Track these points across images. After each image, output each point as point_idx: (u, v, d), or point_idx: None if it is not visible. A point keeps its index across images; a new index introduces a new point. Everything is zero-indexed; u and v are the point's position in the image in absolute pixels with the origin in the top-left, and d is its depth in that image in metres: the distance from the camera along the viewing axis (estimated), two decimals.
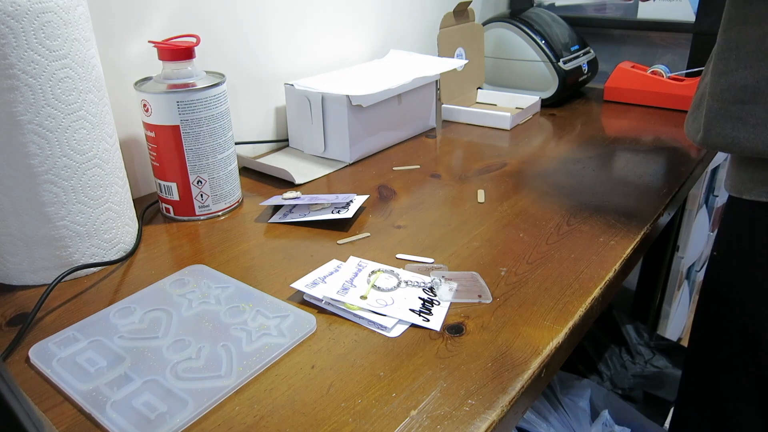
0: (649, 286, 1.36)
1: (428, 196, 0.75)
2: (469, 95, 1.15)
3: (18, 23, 0.48)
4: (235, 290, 0.54)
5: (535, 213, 0.69)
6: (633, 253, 0.61)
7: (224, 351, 0.46)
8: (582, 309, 0.51)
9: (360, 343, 0.48)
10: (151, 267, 0.60)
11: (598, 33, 1.34)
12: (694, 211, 1.37)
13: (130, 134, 0.75)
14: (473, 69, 1.14)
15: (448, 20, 1.06)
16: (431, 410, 0.40)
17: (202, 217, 0.70)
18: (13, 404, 0.21)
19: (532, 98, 1.10)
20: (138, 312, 0.51)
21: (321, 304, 0.52)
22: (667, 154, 0.87)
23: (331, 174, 0.83)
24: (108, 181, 0.58)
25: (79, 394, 0.42)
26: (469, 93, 1.15)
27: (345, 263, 0.58)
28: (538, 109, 1.11)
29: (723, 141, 0.54)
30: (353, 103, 0.82)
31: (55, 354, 0.46)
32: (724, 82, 0.54)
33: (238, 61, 0.86)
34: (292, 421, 0.40)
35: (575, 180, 0.78)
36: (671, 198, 0.72)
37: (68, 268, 0.57)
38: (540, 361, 0.45)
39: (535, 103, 1.10)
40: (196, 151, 0.67)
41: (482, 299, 0.53)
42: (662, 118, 1.04)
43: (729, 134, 0.54)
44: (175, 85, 0.65)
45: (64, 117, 0.53)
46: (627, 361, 1.25)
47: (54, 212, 0.55)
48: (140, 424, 0.39)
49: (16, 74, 0.49)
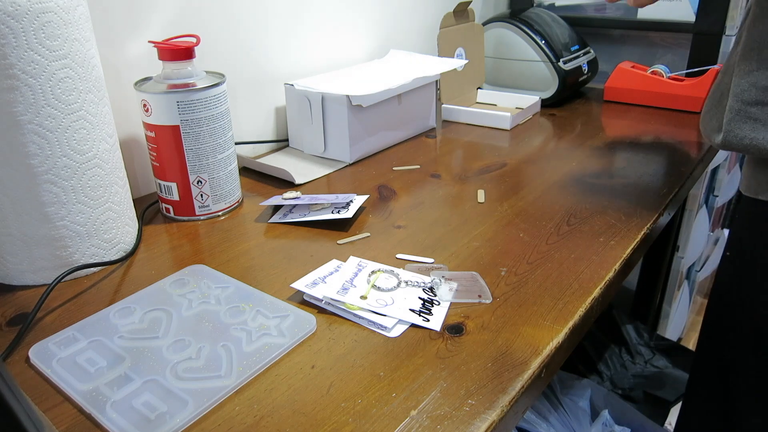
0: (649, 286, 1.36)
1: (428, 196, 0.75)
2: (469, 95, 1.15)
3: (18, 23, 0.48)
4: (235, 290, 0.54)
5: (535, 213, 0.69)
6: (633, 253, 0.61)
7: (224, 351, 0.46)
8: (582, 309, 0.51)
9: (360, 343, 0.48)
10: (151, 267, 0.60)
11: (598, 33, 1.34)
12: (694, 211, 1.37)
13: (130, 134, 0.75)
14: (473, 69, 1.14)
15: (448, 20, 1.06)
16: (431, 410, 0.40)
17: (202, 217, 0.70)
18: (13, 404, 0.21)
19: (532, 98, 1.10)
20: (138, 312, 0.51)
21: (321, 304, 0.52)
22: (667, 154, 0.87)
23: (331, 174, 0.83)
24: (108, 181, 0.58)
25: (79, 394, 0.42)
26: (469, 93, 1.15)
27: (345, 263, 0.58)
28: (538, 109, 1.11)
29: (741, 143, 0.53)
30: (353, 103, 0.82)
31: (55, 354, 0.46)
32: (745, 82, 0.53)
33: (238, 61, 0.86)
34: (292, 421, 0.40)
35: (575, 180, 0.78)
36: (671, 198, 0.72)
37: (68, 268, 0.57)
38: (540, 361, 0.45)
39: (535, 103, 1.10)
40: (196, 151, 0.67)
41: (482, 299, 0.53)
42: (662, 118, 1.04)
43: (748, 135, 0.53)
44: (175, 85, 0.65)
45: (64, 117, 0.53)
46: (627, 361, 1.25)
47: (54, 212, 0.55)
48: (140, 424, 0.39)
49: (16, 74, 0.49)
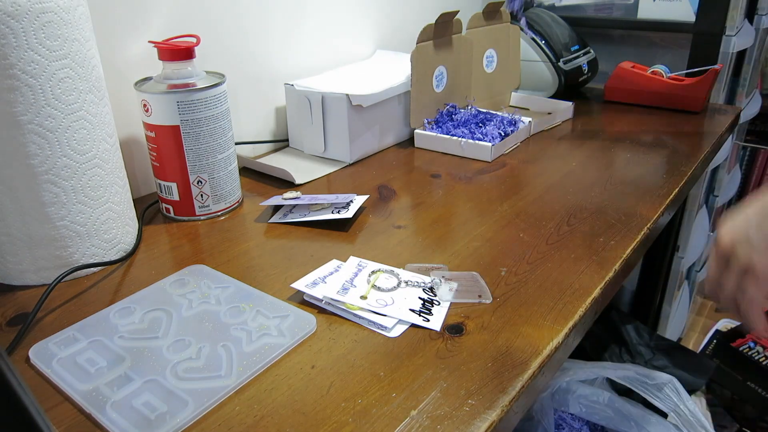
0: (649, 286, 1.36)
1: (428, 196, 0.75)
2: (501, 98, 1.10)
3: (18, 23, 0.48)
4: (235, 290, 0.54)
5: (535, 213, 0.69)
6: (633, 253, 0.61)
7: (224, 351, 0.46)
8: (582, 309, 0.51)
9: (360, 343, 0.48)
10: (151, 267, 0.60)
11: (598, 33, 1.34)
12: (694, 211, 1.37)
13: (130, 134, 0.75)
14: (507, 71, 1.08)
15: (476, 20, 0.99)
16: (431, 410, 0.40)
17: (202, 217, 0.70)
18: (26, 401, 0.21)
19: (565, 104, 1.04)
20: (138, 312, 0.51)
21: (321, 304, 0.52)
22: (667, 154, 0.87)
23: (331, 174, 0.83)
24: (108, 181, 0.58)
25: (79, 394, 0.42)
26: (501, 96, 1.09)
27: (345, 263, 0.58)
28: (569, 116, 1.05)
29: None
30: (353, 103, 0.82)
31: (55, 354, 0.46)
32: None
33: (238, 61, 0.86)
34: (292, 421, 0.40)
35: (575, 180, 0.78)
36: (671, 198, 0.72)
37: (68, 268, 0.57)
38: (540, 361, 0.45)
39: (567, 108, 1.04)
40: (196, 151, 0.67)
41: (482, 299, 0.53)
42: (662, 118, 1.04)
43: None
44: (175, 85, 0.65)
45: (64, 117, 0.53)
46: (627, 361, 1.25)
47: (54, 212, 0.55)
48: (140, 424, 0.39)
49: (16, 74, 0.49)
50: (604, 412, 0.88)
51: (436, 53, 0.92)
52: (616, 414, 0.87)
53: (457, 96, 1.00)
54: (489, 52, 1.04)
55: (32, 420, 0.21)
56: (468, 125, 0.92)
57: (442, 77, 0.95)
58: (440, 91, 0.95)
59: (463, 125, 0.92)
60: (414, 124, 0.93)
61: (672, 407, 0.88)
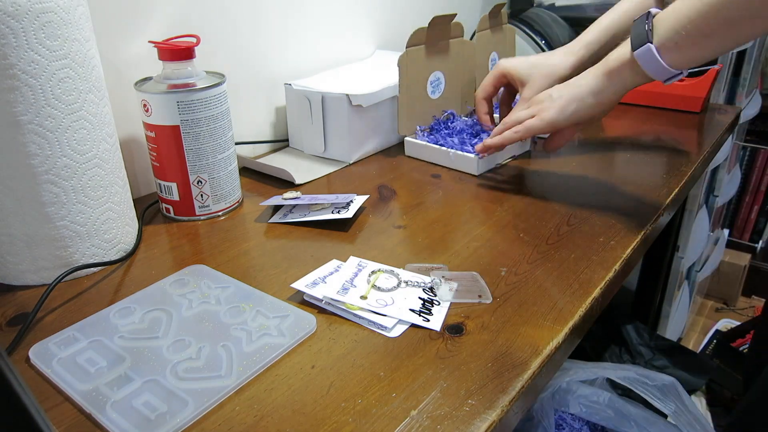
0: (649, 286, 1.36)
1: (428, 196, 0.75)
2: None
3: (18, 23, 0.48)
4: (235, 290, 0.54)
5: (535, 213, 0.69)
6: (633, 253, 0.61)
7: (224, 351, 0.46)
8: (582, 309, 0.51)
9: (360, 343, 0.48)
10: (151, 267, 0.60)
11: None
12: (694, 211, 1.37)
13: (130, 134, 0.75)
14: None
15: (483, 24, 0.97)
16: (431, 410, 0.40)
17: (202, 217, 0.70)
18: (26, 401, 0.21)
19: None
20: (138, 312, 0.51)
21: (321, 304, 0.52)
22: (667, 154, 0.87)
23: (331, 174, 0.83)
24: (108, 181, 0.58)
25: (79, 394, 0.42)
26: None
27: (345, 263, 0.58)
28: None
29: None
30: (353, 102, 0.82)
31: (55, 354, 0.46)
32: None
33: (238, 61, 0.86)
34: (292, 421, 0.40)
35: (575, 180, 0.78)
36: (671, 198, 0.72)
37: (68, 268, 0.57)
38: (540, 361, 0.45)
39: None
40: (196, 151, 0.67)
41: (482, 299, 0.53)
42: (662, 118, 1.04)
43: None
44: (175, 85, 0.65)
45: (64, 117, 0.53)
46: (627, 361, 1.25)
47: (54, 212, 0.55)
48: (140, 424, 0.39)
49: (17, 74, 0.49)
50: (604, 412, 0.87)
51: (430, 58, 0.88)
52: (617, 414, 0.87)
53: (456, 103, 0.96)
54: (493, 55, 1.03)
55: (32, 420, 0.21)
56: (461, 134, 0.86)
57: (438, 83, 0.91)
58: (436, 98, 0.91)
59: (457, 134, 0.86)
60: (403, 131, 0.87)
61: (672, 408, 0.88)
